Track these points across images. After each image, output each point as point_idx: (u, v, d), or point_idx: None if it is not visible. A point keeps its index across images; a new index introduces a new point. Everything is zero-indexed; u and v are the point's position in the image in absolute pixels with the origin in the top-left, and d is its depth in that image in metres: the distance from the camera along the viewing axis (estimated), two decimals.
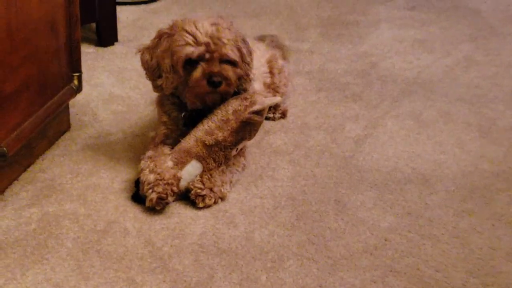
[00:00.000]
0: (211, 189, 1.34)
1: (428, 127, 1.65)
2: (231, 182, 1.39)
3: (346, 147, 1.56)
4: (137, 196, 1.33)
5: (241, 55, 1.37)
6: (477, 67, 1.97)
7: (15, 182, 1.35)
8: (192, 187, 1.33)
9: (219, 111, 1.35)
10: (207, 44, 1.31)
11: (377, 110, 1.72)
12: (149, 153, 1.35)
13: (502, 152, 1.55)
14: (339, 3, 2.44)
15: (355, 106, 1.74)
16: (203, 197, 1.33)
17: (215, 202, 1.34)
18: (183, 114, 1.39)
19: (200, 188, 1.33)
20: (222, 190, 1.36)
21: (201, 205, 1.33)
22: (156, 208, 1.29)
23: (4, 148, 1.23)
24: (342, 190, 1.40)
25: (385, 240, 1.26)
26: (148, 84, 1.81)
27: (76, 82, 1.47)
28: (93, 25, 1.98)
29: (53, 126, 1.47)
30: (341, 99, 1.77)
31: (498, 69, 1.95)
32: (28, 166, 1.39)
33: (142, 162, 1.33)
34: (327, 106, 1.73)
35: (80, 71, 1.48)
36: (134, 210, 1.30)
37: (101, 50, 1.95)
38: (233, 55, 1.33)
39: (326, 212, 1.33)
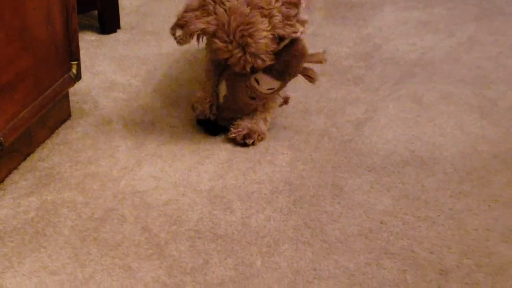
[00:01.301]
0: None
1: (429, 109, 1.65)
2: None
3: (346, 131, 1.56)
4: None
5: (283, 25, 1.40)
6: (480, 47, 1.95)
7: (15, 171, 1.37)
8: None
9: None
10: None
11: (378, 93, 1.72)
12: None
13: (501, 133, 1.54)
14: None
15: (357, 89, 1.74)
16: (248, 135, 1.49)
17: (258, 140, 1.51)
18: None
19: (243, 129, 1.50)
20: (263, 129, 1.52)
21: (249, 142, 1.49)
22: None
23: (1, 138, 1.24)
24: (340, 174, 1.41)
25: (381, 223, 1.27)
26: (150, 71, 1.82)
27: (74, 70, 1.48)
28: (95, 12, 1.99)
29: (53, 115, 1.49)
30: (343, 82, 1.77)
31: (502, 49, 1.94)
32: (28, 155, 1.41)
33: None
34: (329, 90, 1.73)
35: (78, 60, 1.49)
36: (132, 198, 1.31)
37: (103, 37, 1.96)
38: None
39: (323, 196, 1.34)
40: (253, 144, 1.50)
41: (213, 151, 1.47)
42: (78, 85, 1.60)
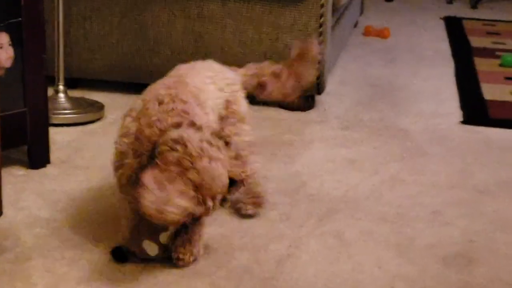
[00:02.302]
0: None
1: (350, 246, 1.69)
2: None
3: (267, 268, 1.58)
4: None
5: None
6: (401, 186, 2.03)
7: None
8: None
9: None
10: None
11: (301, 229, 1.76)
12: None
13: (417, 271, 1.58)
14: (277, 123, 2.52)
15: (281, 225, 1.78)
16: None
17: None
18: None
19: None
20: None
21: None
22: None
23: None
24: None
25: None
26: (77, 206, 1.83)
27: None
28: (25, 147, 2.01)
29: None
30: (268, 218, 1.81)
31: (421, 188, 2.02)
32: None
33: None
34: (254, 226, 1.76)
35: (0, 196, 1.50)
36: None
37: (31, 172, 1.98)
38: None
39: None
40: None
41: None
42: (0, 221, 1.60)
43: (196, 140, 1.40)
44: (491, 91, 2.88)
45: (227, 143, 1.47)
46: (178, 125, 1.43)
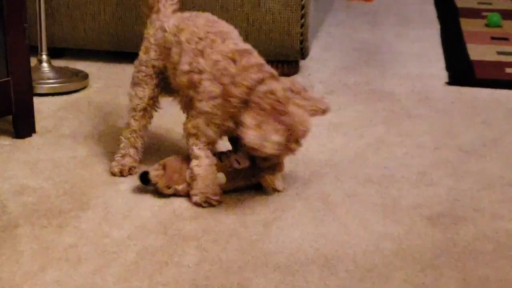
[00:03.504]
0: None
1: (336, 209, 1.70)
2: None
3: (254, 230, 1.59)
4: None
5: None
6: (387, 148, 2.04)
7: None
8: None
9: None
10: None
11: (287, 193, 1.77)
12: None
13: (403, 231, 1.60)
14: None
15: (267, 189, 1.78)
16: None
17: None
18: None
19: None
20: None
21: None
22: None
23: None
24: (246, 274, 1.43)
25: None
26: (63, 175, 1.83)
27: None
28: (10, 117, 2.01)
29: None
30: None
31: (407, 150, 2.03)
32: None
33: None
34: (240, 191, 1.77)
35: None
36: None
37: (17, 142, 1.97)
38: None
39: None
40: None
41: (119, 254, 1.48)
42: None
43: (280, 89, 1.59)
44: (477, 52, 2.89)
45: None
46: (261, 80, 1.61)
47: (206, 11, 2.50)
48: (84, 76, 2.46)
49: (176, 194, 1.71)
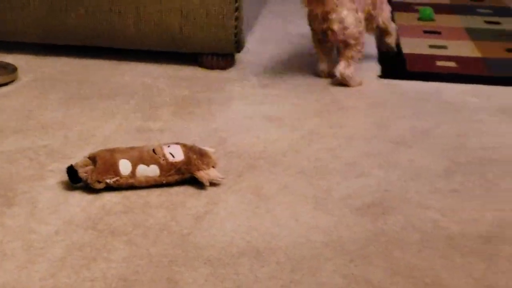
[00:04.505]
0: None
1: (268, 201, 1.70)
2: None
3: (185, 224, 1.58)
4: None
5: None
6: (320, 140, 2.05)
7: None
8: None
9: None
10: None
11: (219, 186, 1.76)
12: None
13: (333, 222, 1.61)
14: (196, 82, 2.50)
15: (199, 182, 1.77)
16: None
17: None
18: None
19: None
20: None
21: None
22: None
23: None
24: (176, 268, 1.41)
25: None
26: None
27: None
28: None
29: None
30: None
31: (339, 142, 2.04)
32: None
33: None
34: (173, 185, 1.75)
35: None
36: None
37: None
38: None
39: None
40: None
41: (46, 249, 1.45)
42: None
43: None
44: (409, 45, 2.93)
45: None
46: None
47: (140, 4, 2.50)
48: (13, 69, 2.40)
49: (107, 188, 1.69)
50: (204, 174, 1.74)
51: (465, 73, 2.63)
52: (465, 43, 2.98)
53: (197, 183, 1.75)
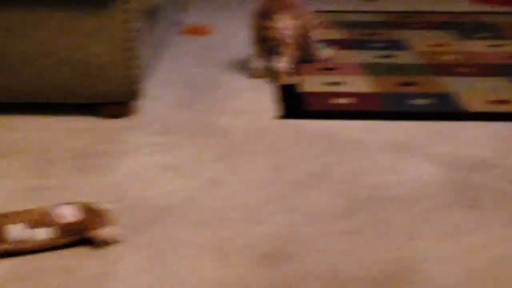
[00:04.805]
0: None
1: (169, 257, 1.68)
2: None
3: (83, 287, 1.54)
4: None
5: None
6: (219, 188, 2.04)
7: None
8: None
9: None
10: None
11: (118, 244, 1.72)
12: None
13: (236, 274, 1.60)
14: (93, 133, 2.46)
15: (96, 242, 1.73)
16: None
17: None
18: None
19: None
20: None
21: None
22: None
23: None
24: None
25: None
26: None
27: None
28: None
29: None
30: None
31: (238, 188, 2.04)
32: None
33: None
34: (69, 246, 1.71)
35: None
36: None
37: None
38: None
39: None
40: None
41: None
42: None
43: None
44: (306, 83, 2.98)
45: None
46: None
47: (29, 58, 2.45)
48: None
49: None
50: (98, 234, 1.70)
51: (361, 109, 2.69)
52: (361, 78, 3.06)
53: (94, 243, 1.72)
